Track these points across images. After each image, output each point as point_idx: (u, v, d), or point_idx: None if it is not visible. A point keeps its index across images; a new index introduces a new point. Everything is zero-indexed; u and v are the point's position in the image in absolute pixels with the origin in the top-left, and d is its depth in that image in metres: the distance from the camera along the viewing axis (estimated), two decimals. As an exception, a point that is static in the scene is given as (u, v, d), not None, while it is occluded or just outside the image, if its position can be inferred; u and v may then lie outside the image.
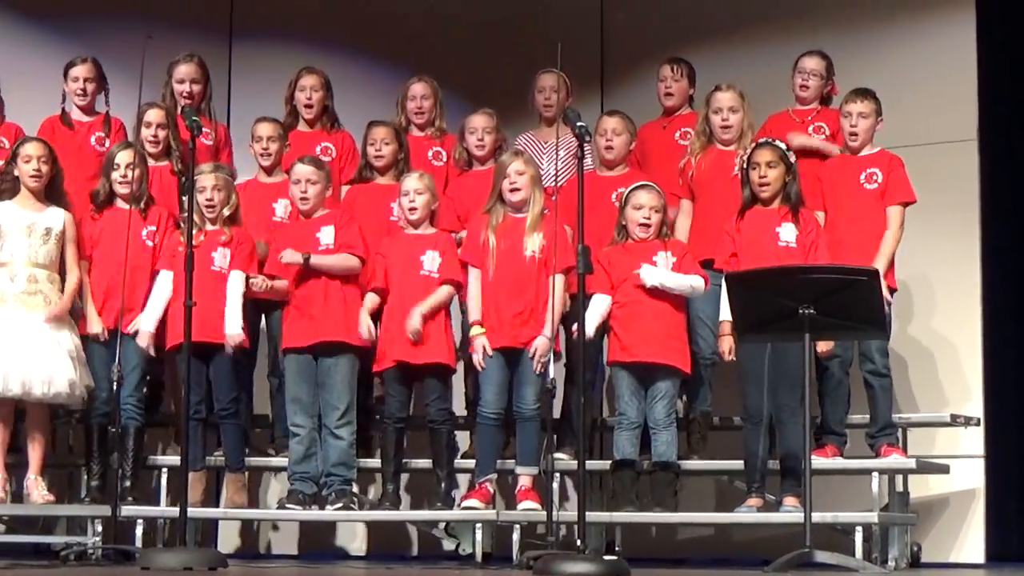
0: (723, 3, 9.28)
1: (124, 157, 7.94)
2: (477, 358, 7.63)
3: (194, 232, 7.74)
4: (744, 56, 8.93)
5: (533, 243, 7.65)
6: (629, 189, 7.71)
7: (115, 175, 7.95)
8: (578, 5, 9.61)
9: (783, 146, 7.54)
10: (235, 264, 7.90)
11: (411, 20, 9.80)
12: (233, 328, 7.80)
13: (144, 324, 7.85)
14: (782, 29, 8.89)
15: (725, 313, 7.38)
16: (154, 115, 8.18)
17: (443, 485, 7.78)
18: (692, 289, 7.57)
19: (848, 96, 7.81)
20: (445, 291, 7.76)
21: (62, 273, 7.88)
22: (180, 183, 8.18)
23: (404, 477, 8.14)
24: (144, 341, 7.83)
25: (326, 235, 7.89)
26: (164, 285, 7.91)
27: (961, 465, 8.15)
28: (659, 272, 7.54)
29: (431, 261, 7.79)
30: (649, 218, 7.61)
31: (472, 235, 7.80)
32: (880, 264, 7.45)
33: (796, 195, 7.50)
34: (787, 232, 7.45)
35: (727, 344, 7.45)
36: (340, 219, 7.93)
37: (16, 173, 7.85)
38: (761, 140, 7.63)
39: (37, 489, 7.79)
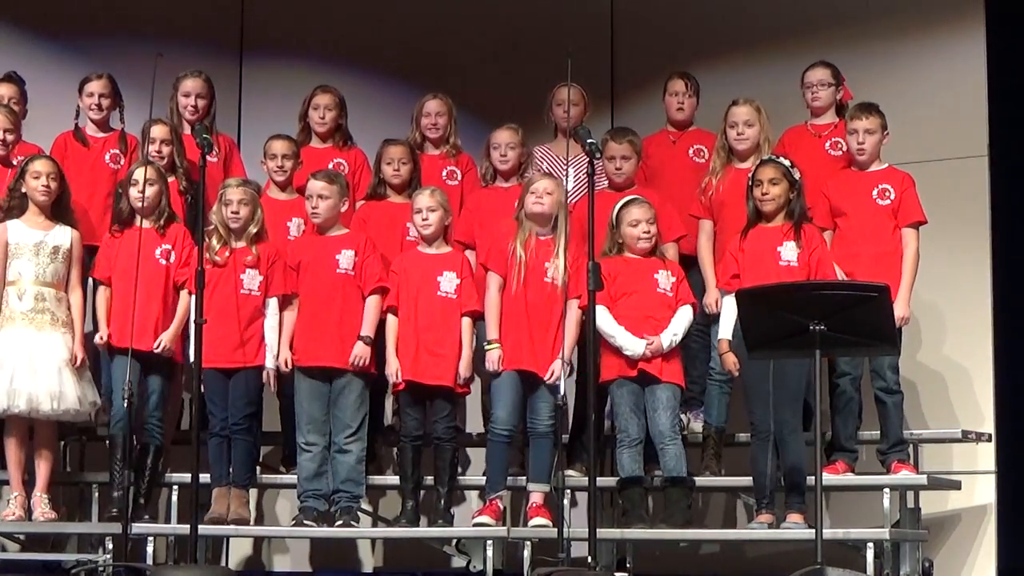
0: (733, 19, 9.29)
1: (140, 174, 7.88)
2: (492, 368, 7.64)
3: (218, 247, 7.83)
4: (754, 72, 8.94)
5: (554, 268, 7.64)
6: (619, 206, 7.66)
7: (133, 191, 7.91)
8: (589, 21, 9.61)
9: (787, 163, 7.53)
10: (272, 289, 7.90)
11: (422, 37, 9.81)
12: (271, 361, 7.86)
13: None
14: (792, 45, 8.89)
15: (724, 331, 7.43)
16: (157, 131, 8.13)
17: (443, 502, 7.80)
18: (688, 324, 7.63)
19: (853, 112, 7.81)
20: (468, 325, 7.78)
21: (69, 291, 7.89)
22: (186, 202, 8.18)
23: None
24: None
25: (345, 259, 7.86)
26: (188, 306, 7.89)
27: (973, 481, 8.15)
28: (670, 335, 7.51)
29: (448, 283, 7.79)
30: (648, 231, 7.60)
31: (499, 242, 7.75)
32: (905, 291, 7.53)
33: (800, 212, 7.48)
34: (788, 251, 7.42)
35: (730, 361, 7.45)
36: (362, 247, 7.90)
37: (24, 190, 7.86)
38: (764, 158, 7.63)
39: (40, 506, 7.80)
